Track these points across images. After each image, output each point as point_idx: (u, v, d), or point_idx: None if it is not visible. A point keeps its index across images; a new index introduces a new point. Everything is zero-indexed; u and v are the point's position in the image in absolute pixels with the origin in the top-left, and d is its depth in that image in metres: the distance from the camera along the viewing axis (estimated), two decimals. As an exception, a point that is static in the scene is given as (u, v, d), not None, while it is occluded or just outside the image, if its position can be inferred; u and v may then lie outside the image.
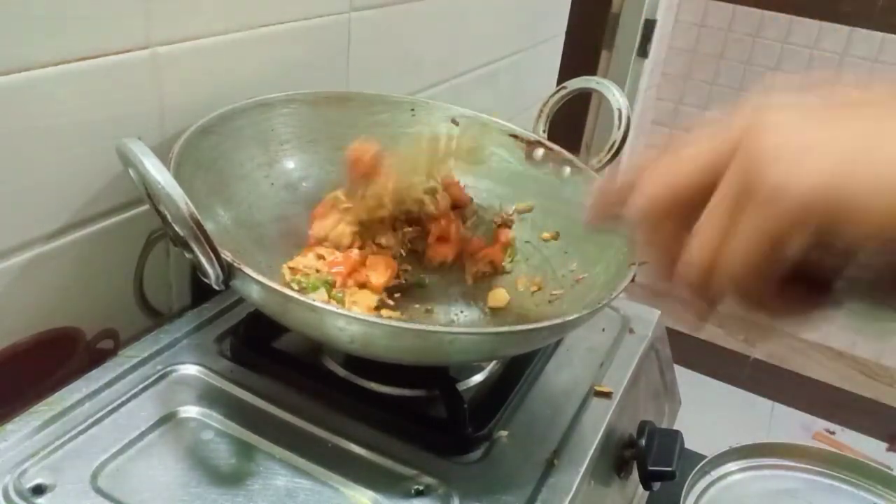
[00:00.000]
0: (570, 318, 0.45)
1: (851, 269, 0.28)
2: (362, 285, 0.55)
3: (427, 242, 0.61)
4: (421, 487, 0.45)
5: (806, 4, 1.88)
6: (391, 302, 0.57)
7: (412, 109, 0.67)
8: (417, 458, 0.47)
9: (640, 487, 0.61)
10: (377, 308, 0.55)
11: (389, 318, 0.54)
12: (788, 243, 0.27)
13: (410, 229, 0.61)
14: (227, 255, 0.42)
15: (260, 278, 0.42)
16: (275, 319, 0.46)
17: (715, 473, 0.74)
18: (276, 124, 0.61)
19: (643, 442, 0.57)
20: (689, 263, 0.30)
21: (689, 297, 0.31)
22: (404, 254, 0.61)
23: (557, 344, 0.62)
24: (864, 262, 0.27)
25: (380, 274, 0.56)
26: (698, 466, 0.72)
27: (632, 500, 0.62)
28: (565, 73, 1.33)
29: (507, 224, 0.64)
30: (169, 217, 0.41)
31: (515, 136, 0.67)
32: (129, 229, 0.56)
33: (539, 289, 0.60)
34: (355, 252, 0.57)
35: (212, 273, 0.42)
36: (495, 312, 0.59)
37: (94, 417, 0.47)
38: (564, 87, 0.69)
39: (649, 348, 0.65)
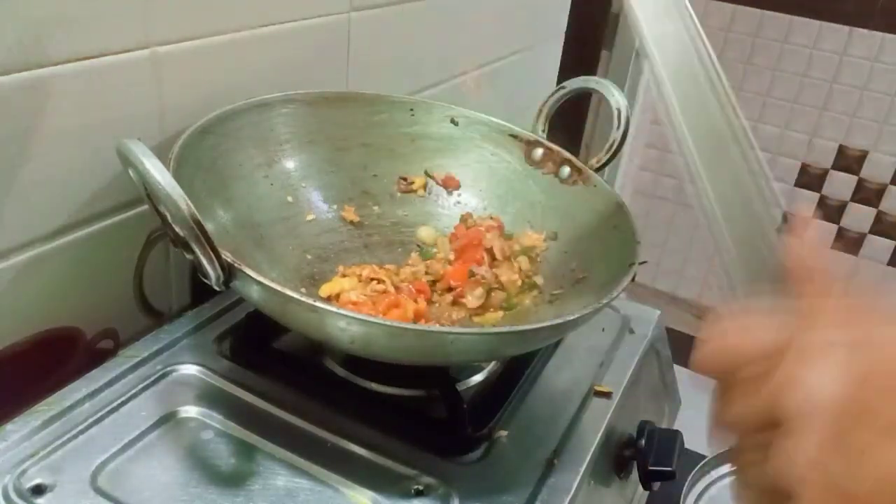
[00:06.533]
0: (570, 318, 0.45)
1: None
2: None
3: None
4: (421, 487, 0.45)
5: (806, 4, 1.88)
6: None
7: (411, 109, 0.67)
8: (417, 458, 0.47)
9: (640, 487, 0.61)
10: None
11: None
12: None
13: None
14: (227, 256, 0.42)
15: (260, 279, 0.41)
16: (275, 319, 0.46)
17: (715, 473, 0.74)
18: (275, 124, 0.61)
19: (643, 442, 0.57)
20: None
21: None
22: None
23: (557, 344, 0.62)
24: None
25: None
26: (698, 466, 0.72)
27: (632, 500, 0.63)
28: (565, 73, 1.33)
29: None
30: (169, 217, 0.41)
31: (515, 136, 0.67)
32: (129, 229, 0.56)
33: (539, 290, 0.60)
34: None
35: (212, 274, 0.42)
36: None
37: (94, 417, 0.47)
38: (564, 87, 0.69)
39: (649, 348, 0.65)
